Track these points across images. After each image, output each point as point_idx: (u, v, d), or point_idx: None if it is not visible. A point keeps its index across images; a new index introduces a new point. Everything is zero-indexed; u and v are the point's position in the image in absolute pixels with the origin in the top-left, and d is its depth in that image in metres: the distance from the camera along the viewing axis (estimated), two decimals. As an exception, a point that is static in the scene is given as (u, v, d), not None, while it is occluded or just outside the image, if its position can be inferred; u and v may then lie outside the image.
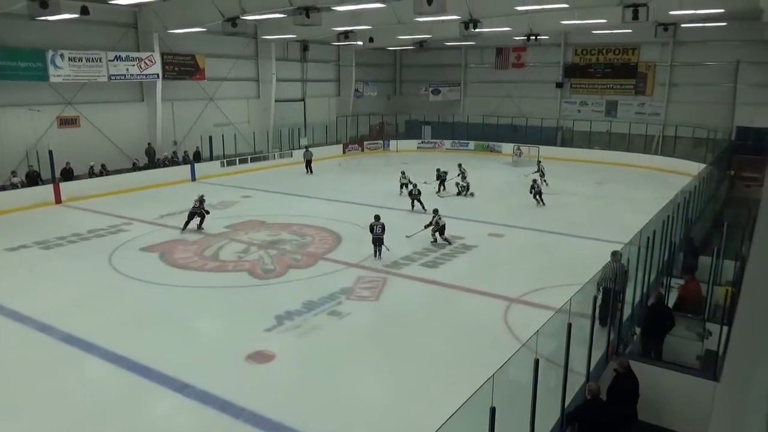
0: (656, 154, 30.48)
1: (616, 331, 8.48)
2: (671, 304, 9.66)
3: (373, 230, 14.33)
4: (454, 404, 4.66)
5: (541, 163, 25.24)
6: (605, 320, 8.66)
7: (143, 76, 24.35)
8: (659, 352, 8.41)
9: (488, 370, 5.08)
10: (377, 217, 14.62)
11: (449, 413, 4.49)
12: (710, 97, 30.22)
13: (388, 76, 42.11)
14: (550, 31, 29.88)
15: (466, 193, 22.26)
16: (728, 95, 29.86)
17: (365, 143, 35.82)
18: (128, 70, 23.61)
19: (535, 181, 21.28)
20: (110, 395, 8.32)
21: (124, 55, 23.44)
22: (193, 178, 25.30)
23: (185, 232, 16.68)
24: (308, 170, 27.45)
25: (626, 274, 9.37)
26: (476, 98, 38.63)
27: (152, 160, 24.85)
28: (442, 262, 14.23)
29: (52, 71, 21.02)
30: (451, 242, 15.66)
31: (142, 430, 7.52)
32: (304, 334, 10.18)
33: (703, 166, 22.25)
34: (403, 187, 21.69)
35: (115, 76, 23.15)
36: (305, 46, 33.78)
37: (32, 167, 20.63)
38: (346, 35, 26.98)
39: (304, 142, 32.75)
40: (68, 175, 21.45)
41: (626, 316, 8.91)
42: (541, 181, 22.41)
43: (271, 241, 15.94)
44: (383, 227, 14.34)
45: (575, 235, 16.47)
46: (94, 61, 22.34)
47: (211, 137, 26.81)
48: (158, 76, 24.89)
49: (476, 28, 21.17)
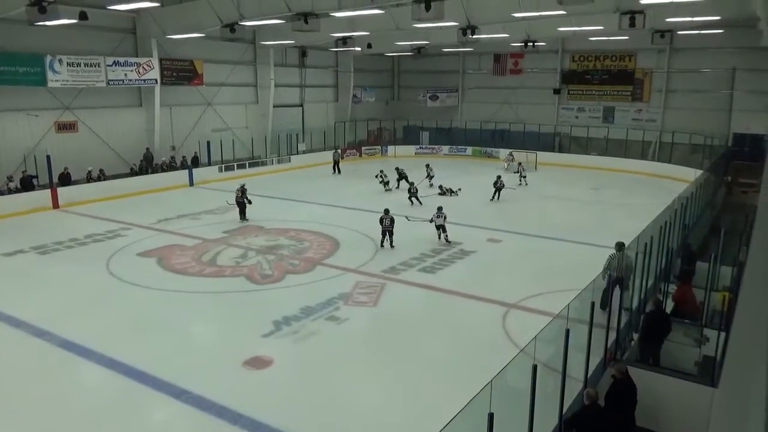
0: (653, 160, 30.57)
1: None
2: (668, 310, 9.67)
3: (382, 222, 15.64)
4: (452, 410, 4.65)
5: (521, 164, 27.35)
6: (605, 305, 9.30)
7: (141, 81, 24.37)
8: (657, 358, 8.41)
9: (486, 375, 5.08)
10: (387, 210, 15.93)
11: (447, 419, 4.49)
12: (707, 103, 30.36)
13: (386, 81, 42.22)
14: (547, 37, 30.04)
15: (450, 193, 23.28)
16: (724, 102, 30.00)
17: (363, 149, 35.88)
18: (126, 75, 23.62)
19: (499, 177, 22.93)
20: (107, 401, 8.30)
21: (122, 60, 23.46)
22: (191, 183, 25.28)
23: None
24: (336, 170, 28.23)
25: (630, 263, 10.00)
26: (474, 104, 38.75)
27: (150, 164, 24.82)
28: (440, 267, 14.24)
29: (50, 76, 21.03)
30: (448, 241, 16.24)
31: (139, 436, 7.49)
32: (301, 339, 10.16)
33: (699, 172, 22.31)
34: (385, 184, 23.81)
35: (113, 81, 23.17)
36: (304, 51, 33.88)
37: (25, 172, 20.58)
38: (344, 41, 27.08)
39: (302, 147, 32.84)
40: (66, 180, 21.41)
41: (624, 322, 8.91)
42: (520, 179, 25.44)
43: (269, 246, 15.93)
44: (392, 220, 15.69)
45: (573, 240, 16.49)
46: (92, 66, 22.35)
47: (209, 142, 26.83)
48: (156, 81, 24.91)
49: (474, 34, 21.28)
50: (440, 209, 16.36)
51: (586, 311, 7.11)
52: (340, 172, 28.77)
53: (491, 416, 4.61)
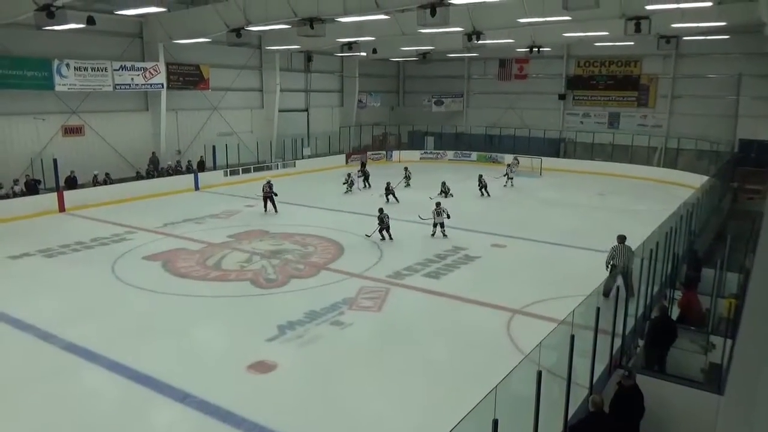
0: (659, 166, 30.50)
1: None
2: (674, 317, 9.62)
3: (383, 221, 16.88)
4: (456, 416, 4.64)
5: (510, 165, 28.76)
6: (608, 294, 9.89)
7: (148, 85, 24.50)
8: (663, 364, 8.37)
9: (491, 381, 5.07)
10: (381, 210, 17.31)
11: (451, 425, 4.47)
12: (713, 109, 30.26)
13: (391, 86, 42.31)
14: (552, 43, 30.02)
15: (446, 194, 23.79)
16: (731, 108, 29.89)
17: (368, 153, 35.92)
18: (133, 79, 23.75)
19: (481, 175, 24.03)
20: (111, 404, 8.31)
21: (129, 64, 23.60)
22: (196, 187, 25.36)
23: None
24: (362, 172, 28.42)
25: (630, 252, 11.29)
26: (479, 109, 38.77)
27: (156, 168, 24.92)
28: (444, 272, 14.21)
29: (57, 80, 21.18)
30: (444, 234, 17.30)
31: (142, 439, 7.50)
32: (306, 344, 10.15)
33: (705, 178, 22.23)
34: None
35: (120, 85, 23.30)
36: (309, 56, 33.99)
37: (29, 176, 20.69)
38: (349, 46, 27.14)
39: (307, 152, 32.93)
40: (72, 183, 21.51)
41: (629, 328, 8.87)
42: (507, 180, 26.89)
43: (273, 250, 15.95)
44: (388, 216, 17.11)
45: (578, 246, 16.44)
46: (99, 70, 22.50)
47: (214, 147, 26.91)
48: (163, 85, 25.04)
49: (479, 39, 21.28)
50: (438, 205, 17.47)
51: (591, 317, 7.08)
52: (365, 173, 27.74)
53: (495, 422, 4.59)
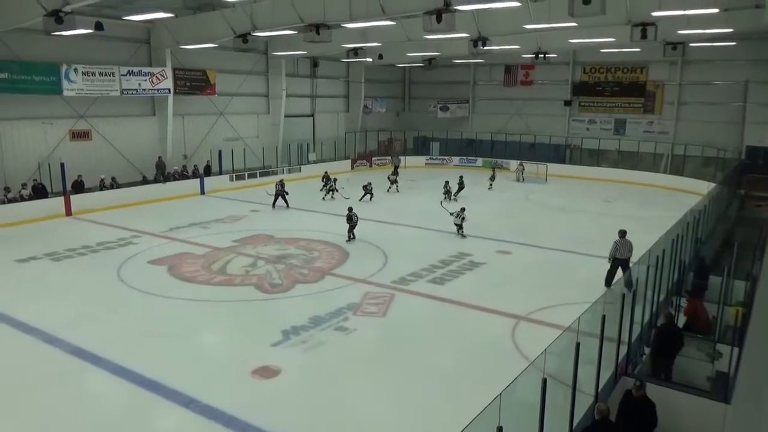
0: (665, 172, 30.36)
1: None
2: (680, 325, 9.56)
3: (352, 219, 17.39)
4: (460, 423, 4.62)
5: (495, 169, 30.12)
6: (609, 283, 12.56)
7: (155, 90, 24.64)
8: (669, 373, 8.31)
9: (495, 388, 5.05)
10: (351, 208, 17.81)
11: (456, 431, 4.45)
12: (719, 116, 30.15)
13: (396, 92, 42.38)
14: (558, 49, 30.02)
15: (450, 198, 24.41)
16: (737, 114, 29.78)
17: (373, 159, 35.97)
18: (140, 84, 23.91)
19: (447, 182, 24.66)
20: (115, 408, 8.32)
21: (136, 70, 23.76)
22: (202, 192, 25.45)
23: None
24: (395, 174, 29.18)
25: (631, 246, 13.01)
26: (485, 115, 38.77)
27: (163, 173, 25.03)
28: (449, 278, 14.18)
29: (65, 85, 21.34)
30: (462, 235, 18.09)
31: (146, 444, 7.49)
32: (310, 349, 10.14)
33: (712, 185, 22.13)
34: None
35: (127, 90, 23.45)
36: (315, 62, 34.13)
37: (36, 180, 20.82)
38: (355, 52, 27.26)
39: (312, 157, 33.01)
40: (79, 187, 21.63)
41: (635, 335, 8.82)
42: (490, 183, 27.99)
43: (278, 255, 15.96)
44: (357, 216, 17.60)
45: (583, 253, 16.37)
46: (107, 75, 22.66)
47: (220, 151, 27.03)
48: (170, 90, 25.18)
49: (485, 45, 21.33)
50: (463, 210, 18.30)
51: (596, 324, 7.04)
52: (398, 175, 28.02)
53: (500, 430, 4.57)
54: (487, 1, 14.73)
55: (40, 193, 20.57)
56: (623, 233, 13.34)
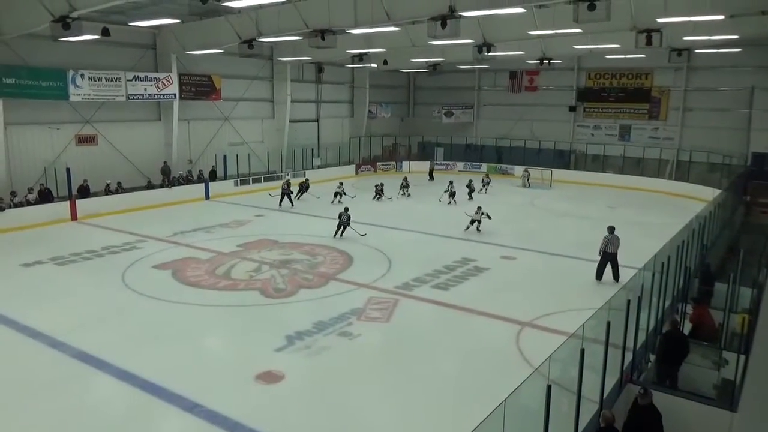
0: (670, 178, 30.28)
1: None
2: (685, 332, 9.51)
3: (340, 218, 18.45)
4: (464, 429, 4.60)
5: (489, 174, 30.16)
6: (600, 276, 14.21)
7: (161, 96, 24.77)
8: (675, 380, 8.26)
9: (500, 394, 5.03)
10: (347, 209, 18.82)
11: (460, 439, 4.43)
12: (725, 122, 30.07)
13: (401, 97, 42.46)
14: (563, 55, 30.03)
15: (450, 200, 25.13)
16: (743, 121, 29.70)
17: (378, 164, 36.01)
18: (146, 90, 24.04)
19: (450, 181, 25.45)
20: (119, 413, 8.32)
21: (142, 75, 23.88)
22: (207, 196, 25.52)
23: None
24: (431, 177, 30.22)
25: (618, 240, 14.30)
26: (489, 121, 38.78)
27: (168, 178, 25.11)
28: (453, 284, 14.16)
29: (72, 90, 21.46)
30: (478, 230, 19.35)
31: (150, 449, 7.49)
32: (314, 354, 10.13)
33: (718, 191, 22.04)
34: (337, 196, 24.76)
35: (133, 95, 23.57)
36: (320, 67, 34.25)
37: (43, 185, 20.92)
38: (360, 57, 27.31)
39: (317, 162, 33.08)
40: (85, 192, 21.71)
41: (640, 342, 8.77)
42: (483, 187, 27.89)
43: (282, 260, 15.98)
44: (349, 217, 18.51)
45: (588, 259, 16.26)
46: (113, 81, 22.79)
47: (225, 156, 27.10)
48: (175, 96, 25.30)
49: (489, 51, 21.33)
50: (479, 208, 19.69)
51: (601, 331, 7.01)
52: (433, 179, 29.29)
53: (504, 437, 4.55)
54: (491, 7, 14.75)
55: (46, 197, 20.66)
56: (612, 229, 14.50)
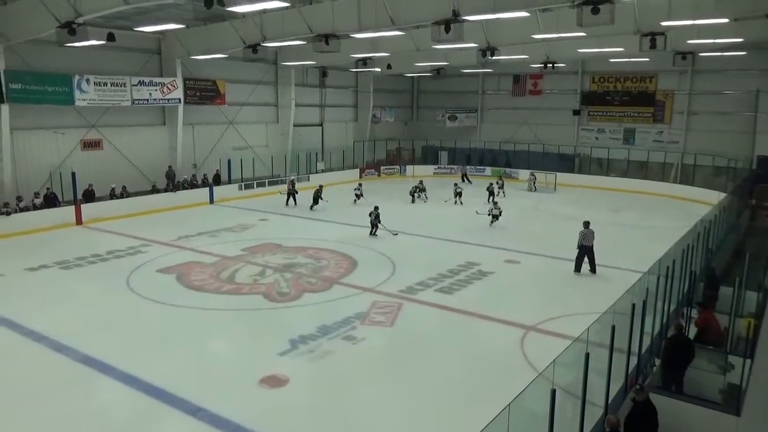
0: (675, 182, 30.17)
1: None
2: (691, 336, 9.45)
3: (369, 216, 19.32)
4: (469, 434, 4.59)
5: (501, 179, 29.72)
6: (578, 268, 15.34)
7: (165, 100, 24.88)
8: (680, 385, 8.21)
9: (504, 399, 5.02)
10: (376, 207, 19.52)
11: (464, 443, 4.42)
12: (730, 125, 29.96)
13: (405, 102, 42.50)
14: (567, 58, 30.04)
15: (456, 200, 25.73)
16: (748, 124, 29.59)
17: (382, 168, 36.04)
18: (151, 94, 24.15)
19: (456, 184, 26.23)
20: (124, 417, 8.32)
21: (147, 80, 24.00)
22: (211, 200, 25.58)
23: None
24: (465, 180, 30.89)
25: (593, 234, 15.43)
26: (493, 124, 38.77)
27: (173, 182, 25.19)
28: (457, 288, 14.14)
29: (77, 95, 21.59)
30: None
31: (154, 453, 7.49)
32: (317, 358, 10.13)
33: (723, 195, 21.95)
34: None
35: (138, 100, 23.69)
36: (324, 72, 34.34)
37: (49, 189, 21.02)
38: (364, 62, 27.39)
39: (321, 166, 33.14)
40: (90, 196, 21.80)
41: (645, 347, 8.73)
42: (500, 191, 27.40)
43: (286, 264, 15.99)
44: (377, 215, 19.29)
45: (593, 263, 16.27)
46: (118, 85, 22.91)
47: (229, 160, 27.19)
48: (180, 100, 25.41)
49: (493, 55, 21.37)
50: (496, 204, 21.51)
51: (606, 335, 6.98)
52: (470, 181, 29.86)
53: (509, 441, 4.54)
54: (495, 11, 14.76)
55: (52, 202, 20.75)
56: (587, 224, 15.65)
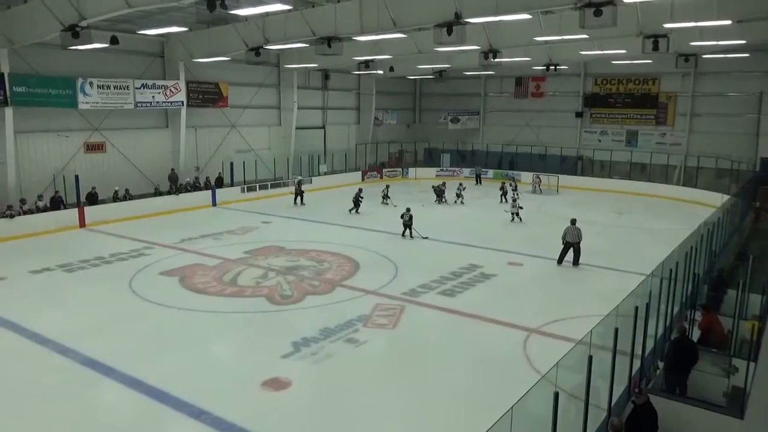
0: (678, 184, 30.13)
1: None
2: (694, 338, 9.42)
3: (402, 217, 19.62)
4: (471, 437, 4.58)
5: (513, 181, 29.75)
6: (561, 261, 16.26)
7: (168, 103, 24.95)
8: (684, 387, 8.18)
9: (506, 401, 5.00)
10: (408, 209, 19.89)
11: (467, 446, 4.41)
12: (733, 127, 29.91)
13: (407, 104, 42.54)
14: (569, 61, 30.00)
15: (457, 200, 26.46)
16: (752, 126, 29.53)
17: (384, 170, 36.05)
18: (154, 97, 24.22)
19: (460, 183, 27.12)
20: (126, 419, 8.34)
21: (150, 83, 24.08)
22: (214, 203, 25.61)
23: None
24: (478, 182, 31.31)
25: (579, 231, 16.19)
26: (495, 127, 38.78)
27: (175, 185, 25.23)
28: (460, 290, 14.12)
29: (81, 98, 21.65)
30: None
31: (157, 455, 7.49)
32: (320, 361, 10.12)
33: (726, 197, 21.90)
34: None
35: (141, 103, 23.76)
36: (326, 74, 34.39)
37: (57, 192, 21.08)
38: (366, 64, 27.40)
39: (323, 168, 33.18)
40: (93, 199, 21.84)
41: (649, 349, 8.70)
42: (514, 193, 26.55)
43: (289, 266, 16.00)
44: (411, 217, 19.57)
45: (595, 265, 16.25)
46: (121, 88, 22.98)
47: (232, 163, 27.22)
48: (183, 103, 25.48)
49: (495, 58, 21.36)
50: (515, 200, 22.76)
51: (609, 338, 6.96)
52: (481, 183, 30.49)
53: (511, 444, 4.53)
54: (497, 13, 14.77)
55: (57, 205, 20.81)
56: (573, 221, 16.48)
